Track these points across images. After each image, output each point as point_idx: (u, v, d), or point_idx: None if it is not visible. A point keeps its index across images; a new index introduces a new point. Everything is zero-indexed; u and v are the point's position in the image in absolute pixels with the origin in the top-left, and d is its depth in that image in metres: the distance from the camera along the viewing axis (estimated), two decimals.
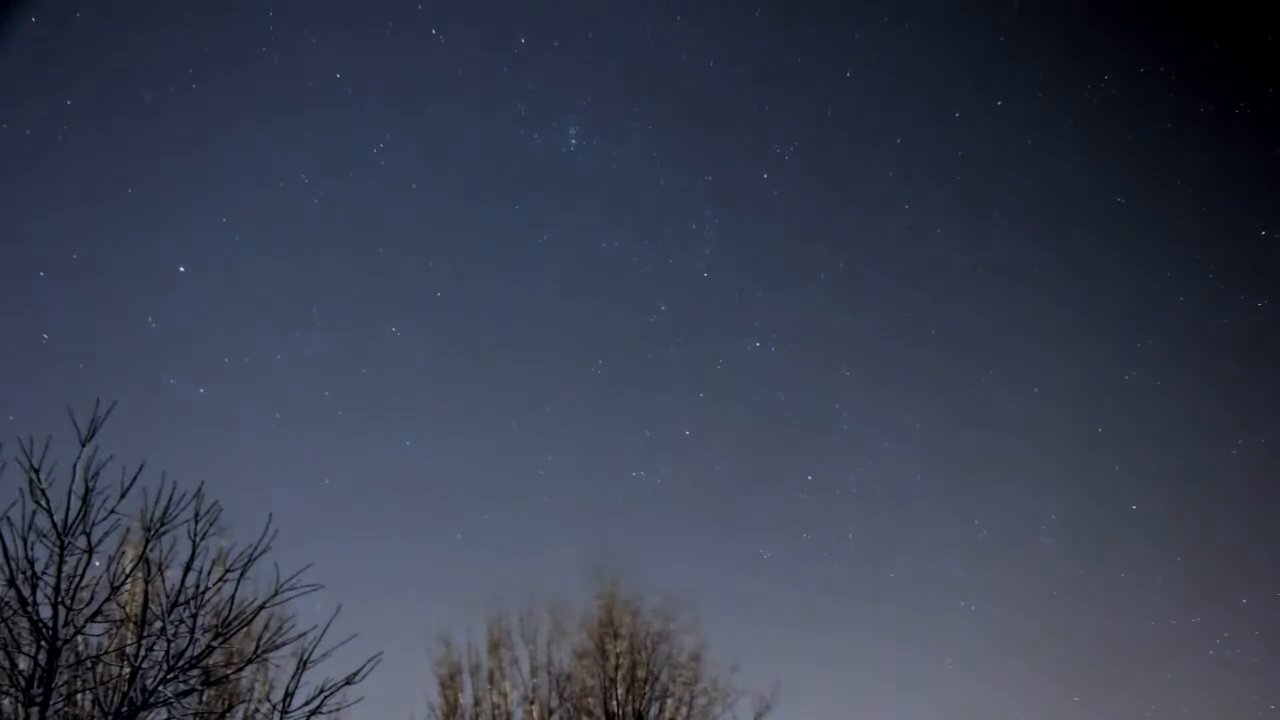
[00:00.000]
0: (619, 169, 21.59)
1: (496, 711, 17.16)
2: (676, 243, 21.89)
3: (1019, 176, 21.72)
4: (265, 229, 20.28)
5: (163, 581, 8.80)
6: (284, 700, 8.72)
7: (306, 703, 8.70)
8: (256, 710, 10.87)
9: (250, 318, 20.54)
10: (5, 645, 7.90)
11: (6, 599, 7.86)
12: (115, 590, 8.54)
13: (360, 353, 20.86)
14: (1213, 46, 19.99)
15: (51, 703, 7.94)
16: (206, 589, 8.56)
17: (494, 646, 17.57)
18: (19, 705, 7.81)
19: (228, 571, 8.66)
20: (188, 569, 8.52)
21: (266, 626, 9.05)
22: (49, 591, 7.96)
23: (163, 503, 8.48)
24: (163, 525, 8.52)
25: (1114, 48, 20.57)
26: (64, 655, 8.17)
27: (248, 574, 8.60)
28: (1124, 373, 21.56)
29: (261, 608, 8.70)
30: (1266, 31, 18.84)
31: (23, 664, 8.02)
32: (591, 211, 22.11)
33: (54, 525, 7.99)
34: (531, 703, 17.33)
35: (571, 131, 20.68)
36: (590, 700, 17.33)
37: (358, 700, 8.94)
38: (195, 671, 8.60)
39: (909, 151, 21.54)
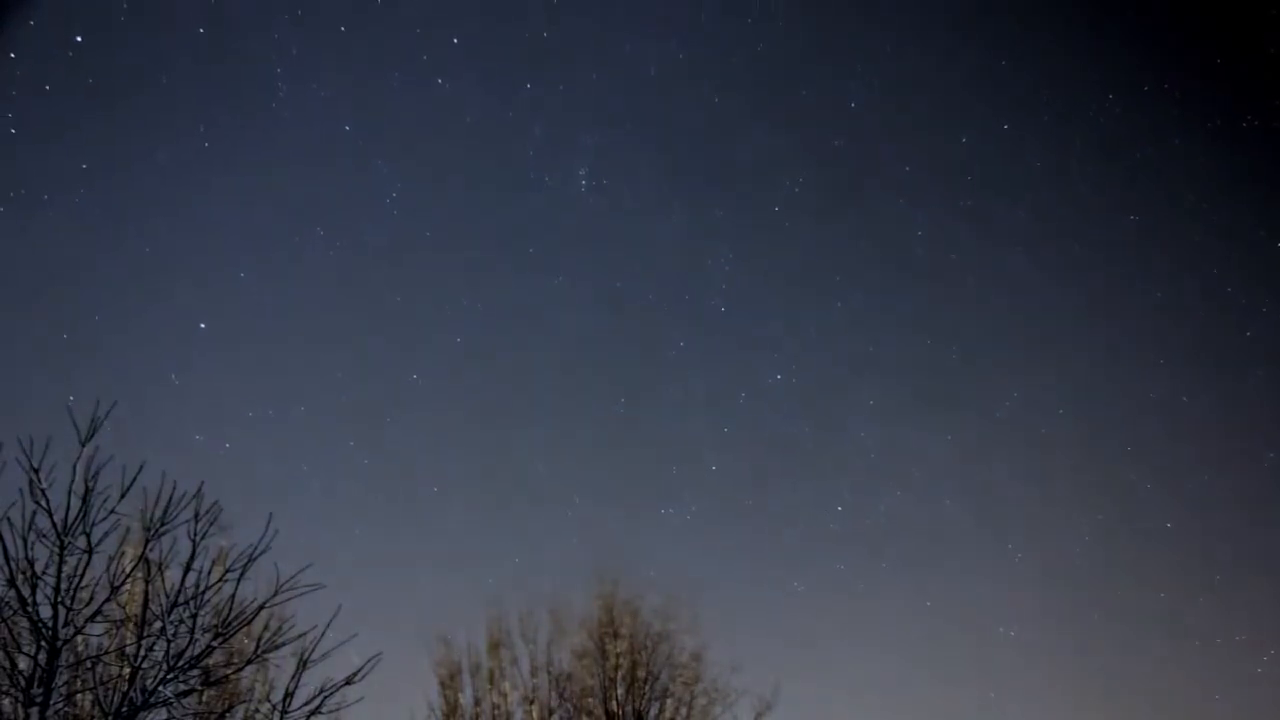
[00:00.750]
0: (631, 208, 21.76)
1: (496, 711, 17.16)
2: (691, 278, 22.02)
3: (1031, 199, 21.78)
4: (283, 282, 20.50)
5: (163, 581, 8.79)
6: (284, 700, 8.72)
7: (306, 703, 8.71)
8: (256, 710, 10.87)
9: (272, 371, 20.65)
10: (5, 645, 7.89)
11: (6, 599, 7.86)
12: (115, 590, 8.53)
13: (383, 401, 21.00)
14: (1215, 62, 20.04)
15: (51, 703, 7.94)
16: (206, 589, 8.57)
17: (494, 646, 17.56)
18: (19, 705, 7.81)
19: (228, 571, 8.67)
20: (188, 569, 8.53)
21: (266, 626, 9.05)
22: (49, 591, 7.96)
23: (163, 503, 8.50)
24: (163, 525, 8.52)
25: (1117, 67, 20.67)
26: (64, 655, 8.17)
27: (248, 574, 8.62)
28: (1149, 390, 21.53)
29: (261, 608, 8.71)
30: (1269, 44, 18.91)
31: (23, 664, 8.01)
32: (605, 251, 22.31)
33: (54, 525, 7.99)
34: (531, 703, 17.32)
35: (581, 173, 20.80)
36: (590, 700, 17.32)
37: (358, 700, 8.94)
38: (195, 671, 8.60)
39: (918, 178, 21.65)
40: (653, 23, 20.63)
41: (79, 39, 16.20)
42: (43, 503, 7.97)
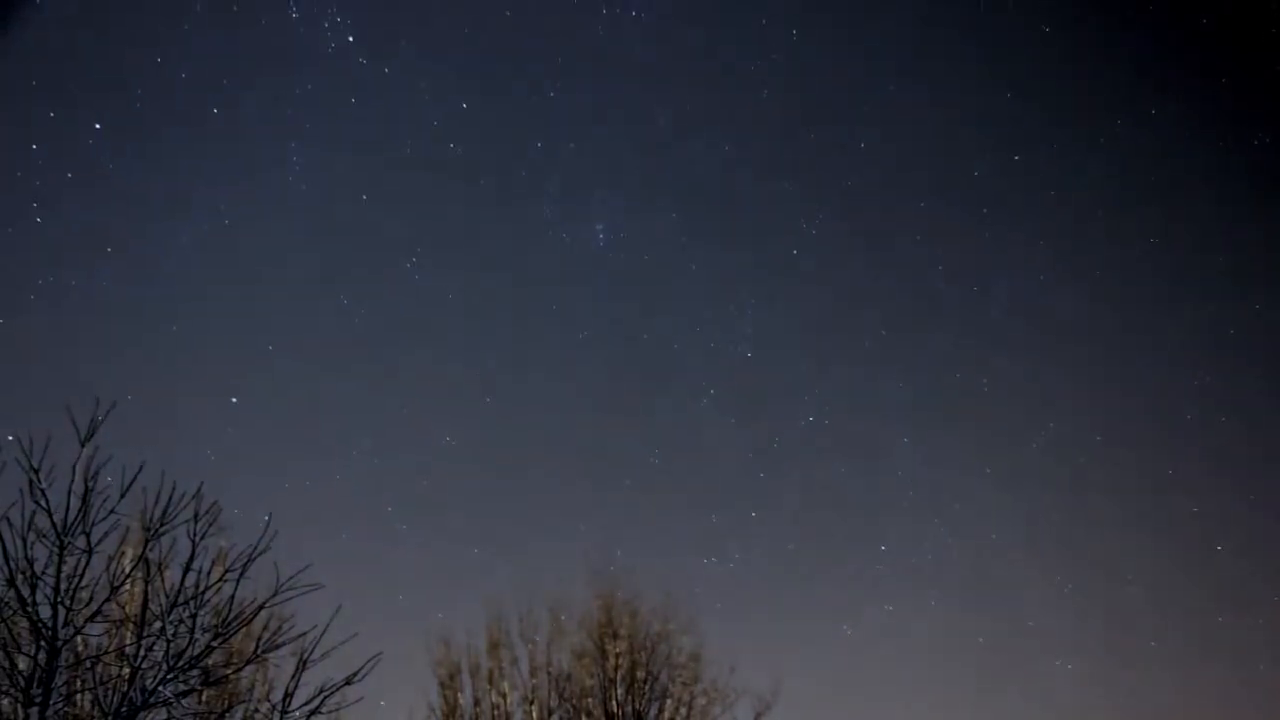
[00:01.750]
0: (650, 259, 21.88)
1: (496, 712, 17.16)
2: (716, 326, 22.02)
3: (1048, 227, 21.82)
4: (312, 353, 20.59)
5: (162, 581, 8.79)
6: (284, 700, 8.72)
7: (306, 703, 8.71)
8: (256, 710, 10.86)
9: (306, 441, 20.67)
10: (5, 645, 7.89)
11: (6, 599, 7.85)
12: (115, 590, 8.53)
13: (418, 465, 20.98)
14: (1220, 82, 20.14)
15: (51, 703, 7.93)
16: (206, 589, 8.56)
17: (494, 646, 17.56)
18: (19, 705, 7.81)
19: (228, 571, 8.66)
20: (187, 569, 8.52)
21: (266, 626, 9.05)
22: (49, 591, 7.95)
23: (162, 503, 8.49)
24: (163, 525, 8.52)
25: (1121, 93, 20.81)
26: (64, 655, 8.16)
27: (248, 574, 8.62)
28: (1185, 411, 21.35)
29: (261, 608, 8.71)
30: (1274, 62, 19.02)
31: (22, 664, 8.01)
32: (628, 304, 22.36)
33: (54, 525, 7.98)
34: (531, 703, 17.32)
35: (599, 227, 20.99)
36: (590, 700, 17.32)
37: (358, 700, 8.94)
38: (195, 671, 8.59)
39: (933, 214, 21.72)
40: (656, 77, 21.02)
41: (97, 125, 16.74)
42: (43, 503, 7.97)
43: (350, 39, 18.38)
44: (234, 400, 18.52)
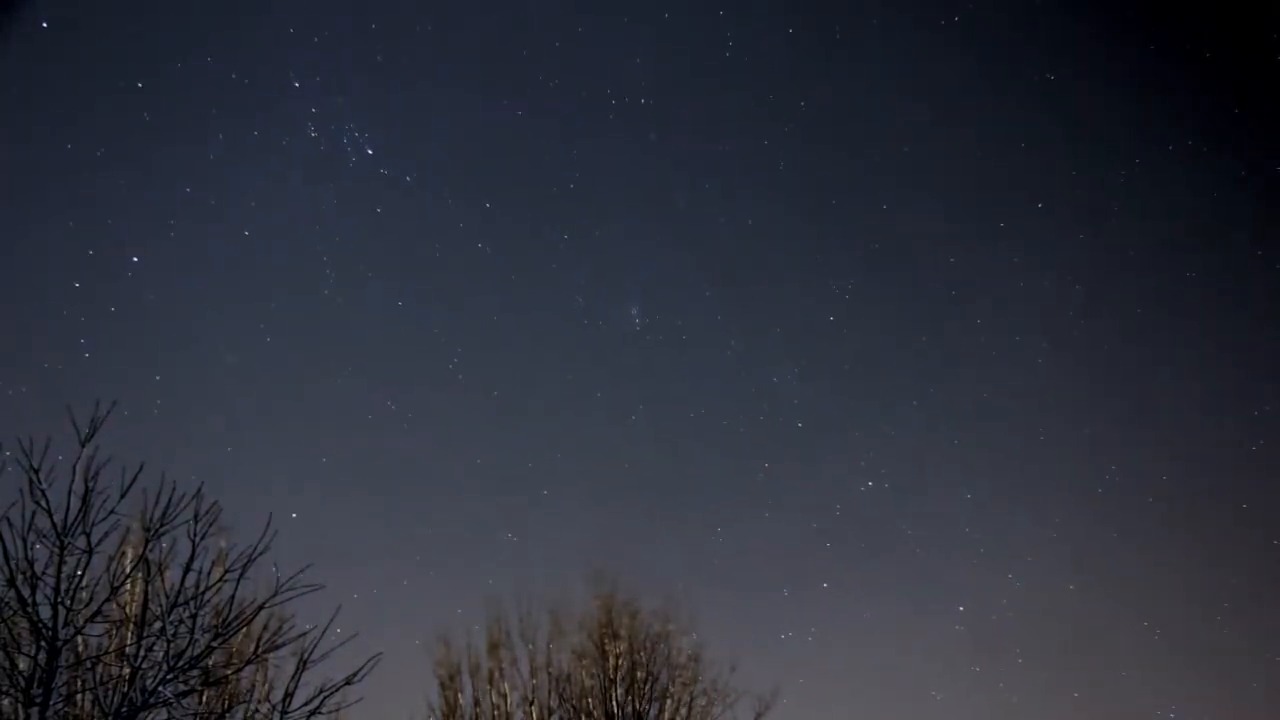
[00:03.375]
0: (688, 339, 21.88)
1: (496, 712, 17.15)
2: (762, 399, 21.98)
3: (1084, 272, 21.70)
4: (364, 463, 20.68)
5: (162, 581, 8.80)
6: (284, 700, 8.74)
7: (306, 703, 8.72)
8: (256, 710, 10.85)
9: (361, 553, 20.63)
10: (5, 645, 7.89)
11: (6, 599, 7.86)
12: (115, 590, 8.54)
13: (478, 563, 21.08)
14: (1232, 113, 20.15)
15: (51, 703, 7.94)
16: (206, 589, 8.57)
17: (493, 647, 17.55)
18: (19, 705, 7.81)
19: (228, 571, 8.67)
20: (188, 569, 8.53)
21: (266, 626, 9.07)
22: (49, 591, 7.96)
23: (163, 503, 8.50)
24: (163, 525, 8.53)
25: (1136, 133, 20.81)
26: (64, 655, 8.16)
27: (248, 574, 8.63)
28: (1251, 443, 20.89)
29: (261, 608, 8.72)
30: None
31: (23, 664, 8.01)
32: (671, 385, 22.34)
33: (54, 525, 7.99)
34: (531, 703, 17.31)
35: (633, 312, 21.11)
36: (590, 701, 17.32)
37: (358, 700, 8.95)
38: (195, 671, 8.60)
39: (965, 268, 21.73)
40: (672, 159, 21.27)
41: (135, 259, 17.33)
42: (43, 503, 7.98)
43: (370, 151, 18.89)
44: (294, 515, 18.56)
